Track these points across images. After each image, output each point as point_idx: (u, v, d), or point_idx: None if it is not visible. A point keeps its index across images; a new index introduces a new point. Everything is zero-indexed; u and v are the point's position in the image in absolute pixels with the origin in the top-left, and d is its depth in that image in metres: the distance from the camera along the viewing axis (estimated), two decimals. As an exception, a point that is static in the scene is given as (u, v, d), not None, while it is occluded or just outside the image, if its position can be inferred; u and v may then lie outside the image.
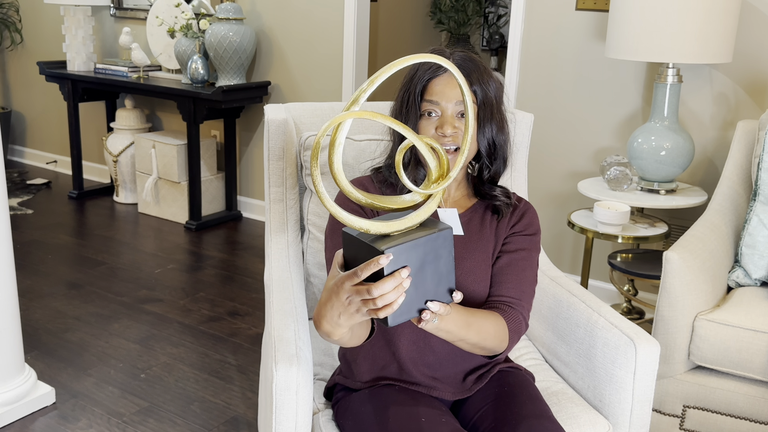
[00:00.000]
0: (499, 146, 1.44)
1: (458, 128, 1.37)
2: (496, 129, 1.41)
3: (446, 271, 1.08)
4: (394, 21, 4.89)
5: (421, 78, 1.40)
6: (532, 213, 1.50)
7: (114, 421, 2.26)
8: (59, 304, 3.07)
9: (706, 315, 2.00)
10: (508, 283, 1.42)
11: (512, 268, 1.44)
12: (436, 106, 1.38)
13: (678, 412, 2.07)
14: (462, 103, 1.36)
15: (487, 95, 1.39)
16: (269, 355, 1.41)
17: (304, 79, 3.95)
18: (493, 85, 1.40)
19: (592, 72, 3.08)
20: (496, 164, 1.46)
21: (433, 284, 1.08)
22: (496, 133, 1.42)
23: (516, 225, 1.47)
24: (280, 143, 1.83)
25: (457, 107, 1.37)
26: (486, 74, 1.40)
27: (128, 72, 4.22)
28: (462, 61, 1.39)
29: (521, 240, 1.46)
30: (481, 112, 1.39)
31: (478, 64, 1.41)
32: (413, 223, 1.07)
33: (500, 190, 1.49)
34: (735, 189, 2.42)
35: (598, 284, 3.21)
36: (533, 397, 1.43)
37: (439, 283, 1.08)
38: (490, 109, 1.39)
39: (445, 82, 1.38)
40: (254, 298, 3.21)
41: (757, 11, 2.71)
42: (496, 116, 1.41)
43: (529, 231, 1.48)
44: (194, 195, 4.05)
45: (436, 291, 1.09)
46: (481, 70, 1.40)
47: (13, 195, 4.58)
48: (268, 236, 1.85)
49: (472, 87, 1.38)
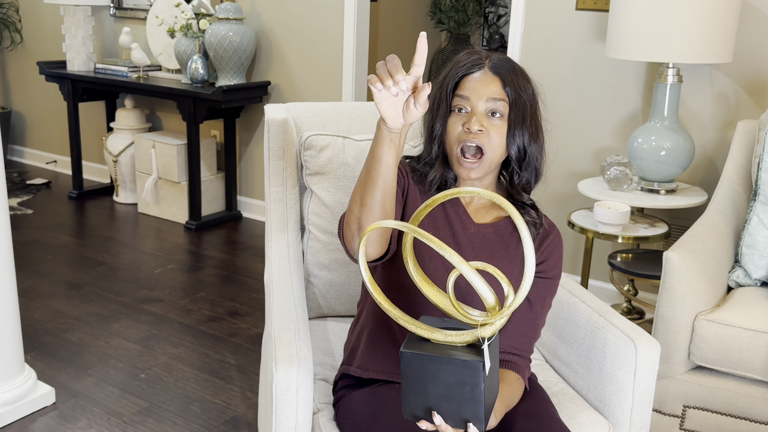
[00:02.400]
0: (531, 155, 1.40)
1: (485, 127, 1.35)
2: (528, 136, 1.38)
3: (474, 399, 1.07)
4: (394, 21, 4.89)
5: (454, 75, 1.39)
6: (559, 251, 1.46)
7: (114, 421, 2.26)
8: (59, 304, 3.07)
9: (707, 315, 2.00)
10: (522, 327, 1.42)
11: (527, 314, 1.42)
12: (467, 102, 1.36)
13: (678, 412, 2.07)
14: (493, 102, 1.35)
15: (520, 98, 1.36)
16: (269, 355, 1.41)
17: (304, 79, 3.95)
18: (529, 90, 1.38)
19: (592, 72, 3.08)
20: (527, 173, 1.42)
21: (458, 405, 1.08)
22: (528, 141, 1.38)
23: (542, 264, 1.43)
24: (281, 143, 1.83)
25: (487, 105, 1.35)
26: (522, 78, 1.38)
27: (128, 72, 4.22)
28: (498, 62, 1.38)
29: (543, 284, 1.43)
30: (512, 113, 1.36)
31: (515, 67, 1.39)
32: (454, 341, 1.08)
33: (531, 203, 1.45)
34: (735, 189, 2.42)
35: (598, 284, 3.21)
36: (539, 398, 1.43)
37: (466, 407, 1.08)
38: (522, 112, 1.37)
39: (478, 79, 1.37)
40: (254, 298, 3.21)
41: (757, 11, 2.71)
42: (529, 123, 1.38)
43: (551, 273, 1.45)
44: (194, 195, 4.05)
45: (463, 413, 1.08)
46: (517, 73, 1.38)
47: (13, 195, 4.57)
48: (268, 236, 1.85)
49: (504, 87, 1.36)
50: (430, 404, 1.09)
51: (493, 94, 1.35)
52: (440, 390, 1.07)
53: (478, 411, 1.07)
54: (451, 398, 1.07)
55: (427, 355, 1.06)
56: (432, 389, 1.08)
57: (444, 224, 1.42)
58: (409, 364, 1.07)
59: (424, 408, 1.10)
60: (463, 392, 1.07)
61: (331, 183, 1.82)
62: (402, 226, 1.04)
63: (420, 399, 1.09)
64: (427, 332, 1.09)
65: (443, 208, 1.44)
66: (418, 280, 1.16)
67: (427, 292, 1.15)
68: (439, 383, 1.07)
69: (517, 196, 1.44)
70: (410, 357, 1.07)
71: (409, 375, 1.08)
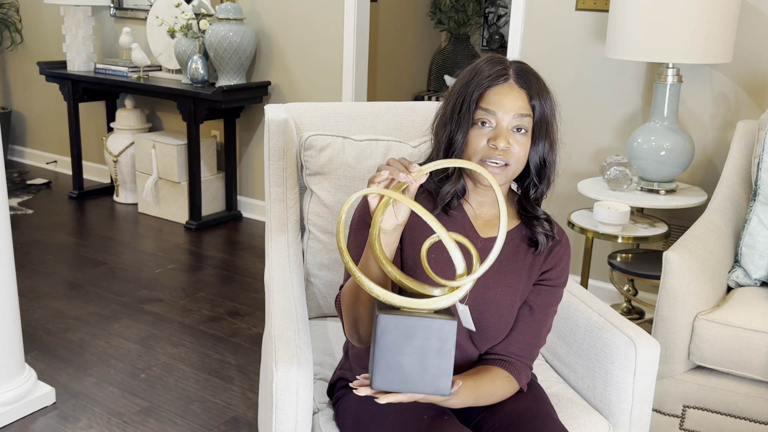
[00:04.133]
0: (548, 165, 1.36)
1: (511, 144, 1.30)
2: (548, 147, 1.35)
3: (446, 362, 1.08)
4: (394, 21, 4.89)
5: (479, 84, 1.31)
6: (567, 260, 1.44)
7: (114, 421, 2.26)
8: (59, 304, 3.07)
9: (706, 315, 2.00)
10: (522, 335, 1.41)
11: (531, 320, 1.41)
12: (492, 116, 1.30)
13: (678, 412, 2.07)
14: (520, 117, 1.30)
15: (545, 111, 1.33)
16: (269, 355, 1.41)
17: (304, 79, 3.95)
18: (550, 101, 1.35)
19: (592, 72, 3.08)
20: (544, 185, 1.39)
21: (430, 370, 1.09)
22: (547, 152, 1.35)
23: (548, 272, 1.42)
24: (281, 143, 1.83)
25: (514, 120, 1.30)
26: (545, 89, 1.35)
27: (128, 72, 4.22)
28: (521, 72, 1.33)
29: (548, 292, 1.42)
30: (537, 128, 1.32)
31: (538, 78, 1.35)
32: (425, 308, 1.10)
33: (545, 216, 1.41)
34: (735, 189, 2.42)
35: (598, 284, 3.21)
36: (537, 398, 1.43)
37: (437, 372, 1.09)
38: (546, 126, 1.33)
39: (504, 92, 1.31)
40: (254, 298, 3.21)
41: (757, 11, 2.71)
42: (550, 134, 1.35)
43: (555, 282, 1.43)
44: (194, 195, 4.05)
45: (433, 378, 1.09)
46: (541, 84, 1.34)
47: (13, 195, 4.58)
48: (268, 236, 1.85)
49: (531, 101, 1.31)
50: (401, 371, 1.08)
51: (520, 109, 1.30)
52: (413, 354, 1.08)
53: (447, 371, 1.09)
54: (421, 362, 1.08)
55: (403, 317, 1.07)
56: (405, 355, 1.08)
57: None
58: (385, 329, 1.07)
59: (394, 378, 1.09)
60: (434, 353, 1.08)
61: (331, 183, 1.82)
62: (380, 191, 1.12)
63: (391, 368, 1.08)
64: (399, 299, 1.09)
65: (447, 224, 1.40)
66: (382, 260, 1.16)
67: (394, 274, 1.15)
68: (412, 347, 1.07)
69: (531, 210, 1.40)
70: (386, 321, 1.06)
71: (383, 341, 1.07)
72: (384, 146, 1.85)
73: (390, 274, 1.15)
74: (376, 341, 1.08)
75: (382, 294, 1.10)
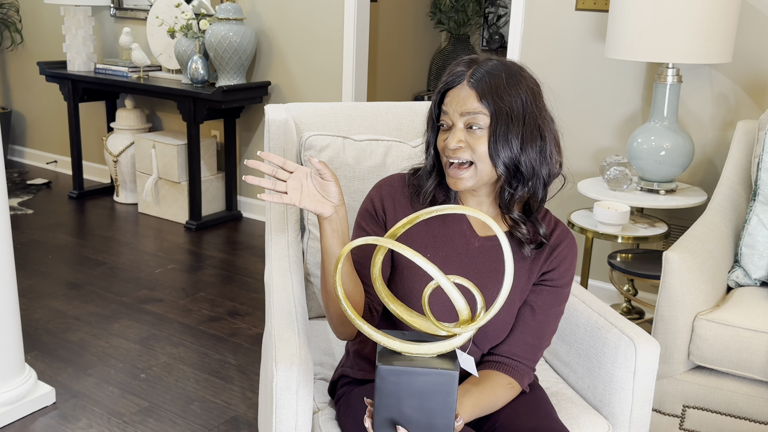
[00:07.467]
0: (525, 163, 1.29)
1: (464, 141, 1.28)
2: (518, 145, 1.28)
3: (447, 408, 1.10)
4: (394, 21, 4.89)
5: (440, 88, 1.34)
6: (571, 259, 1.40)
7: (114, 421, 2.26)
8: (59, 304, 3.07)
9: (706, 315, 2.00)
10: (524, 336, 1.40)
11: (533, 321, 1.40)
12: (448, 118, 1.32)
13: (678, 412, 2.07)
14: (468, 116, 1.28)
15: (502, 108, 1.27)
16: (269, 355, 1.42)
17: (304, 79, 3.95)
18: (516, 97, 1.28)
19: (591, 72, 3.08)
20: (530, 186, 1.32)
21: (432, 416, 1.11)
22: (518, 150, 1.28)
23: (550, 272, 1.39)
24: (281, 143, 1.83)
25: (463, 119, 1.29)
26: (508, 86, 1.28)
27: (128, 72, 4.23)
28: (479, 73, 1.29)
29: (549, 292, 1.40)
30: (493, 124, 1.27)
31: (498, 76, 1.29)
32: (427, 353, 1.11)
33: (529, 224, 1.36)
34: (735, 189, 2.42)
35: (598, 284, 3.21)
36: (537, 397, 1.43)
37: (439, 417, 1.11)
38: (506, 123, 1.27)
39: (456, 93, 1.31)
40: (254, 298, 3.21)
41: (757, 11, 2.71)
42: (518, 131, 1.28)
43: (558, 282, 1.40)
44: (194, 195, 4.05)
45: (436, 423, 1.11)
46: (498, 82, 1.28)
47: (13, 195, 4.58)
48: (268, 236, 1.85)
49: (480, 100, 1.27)
50: (402, 417, 1.10)
51: (468, 108, 1.28)
52: (414, 401, 1.09)
53: (449, 418, 1.10)
54: (422, 409, 1.10)
55: (403, 368, 1.08)
56: (406, 401, 1.10)
57: (444, 243, 1.39)
58: (385, 379, 1.09)
59: (394, 423, 1.11)
60: (436, 401, 1.09)
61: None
62: (375, 241, 1.10)
63: (392, 413, 1.11)
64: (400, 344, 1.11)
65: (444, 224, 1.40)
66: (384, 297, 1.19)
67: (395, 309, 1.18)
68: (413, 395, 1.09)
69: (506, 212, 1.36)
70: (386, 372, 1.09)
71: (384, 389, 1.10)
72: (384, 146, 1.86)
73: (394, 312, 1.18)
74: (376, 389, 1.11)
75: (383, 341, 1.12)
